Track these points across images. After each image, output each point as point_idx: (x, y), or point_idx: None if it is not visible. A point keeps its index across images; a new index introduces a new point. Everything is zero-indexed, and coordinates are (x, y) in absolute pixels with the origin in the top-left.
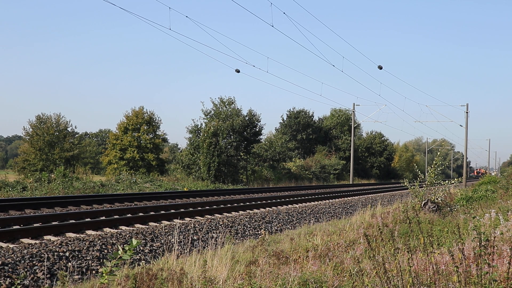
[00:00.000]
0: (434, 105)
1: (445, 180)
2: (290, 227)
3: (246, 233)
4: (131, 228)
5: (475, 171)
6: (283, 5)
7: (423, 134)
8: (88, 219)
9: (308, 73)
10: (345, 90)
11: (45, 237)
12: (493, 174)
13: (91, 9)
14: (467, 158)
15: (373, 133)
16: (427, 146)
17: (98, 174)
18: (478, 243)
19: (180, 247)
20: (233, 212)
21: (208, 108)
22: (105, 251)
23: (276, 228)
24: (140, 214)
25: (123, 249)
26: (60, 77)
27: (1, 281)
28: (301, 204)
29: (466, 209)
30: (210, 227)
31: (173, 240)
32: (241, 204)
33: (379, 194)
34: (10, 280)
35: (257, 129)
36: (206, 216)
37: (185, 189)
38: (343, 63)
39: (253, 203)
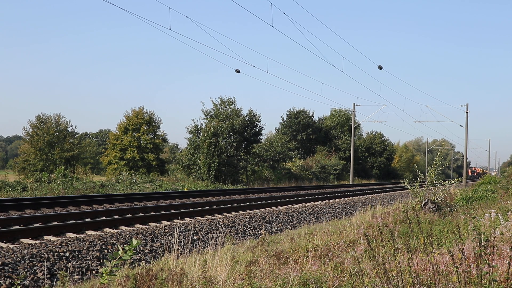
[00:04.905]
0: (434, 105)
1: (445, 180)
2: (290, 227)
3: (246, 233)
4: (131, 228)
5: (470, 171)
6: (283, 5)
7: (423, 134)
8: (88, 219)
9: (308, 73)
10: (345, 90)
11: (45, 237)
12: (493, 174)
13: (91, 9)
14: (467, 158)
15: (373, 133)
16: (427, 146)
17: (98, 174)
18: (478, 243)
19: (180, 247)
20: (233, 212)
21: (208, 108)
22: (105, 251)
23: (276, 228)
24: (140, 214)
25: (123, 249)
26: (60, 77)
27: (1, 281)
28: (301, 204)
29: (466, 209)
30: (210, 227)
31: (173, 240)
32: (241, 204)
33: (379, 194)
34: (10, 280)
35: (257, 129)
36: (206, 216)
37: (185, 189)
38: (343, 63)
39: (253, 203)
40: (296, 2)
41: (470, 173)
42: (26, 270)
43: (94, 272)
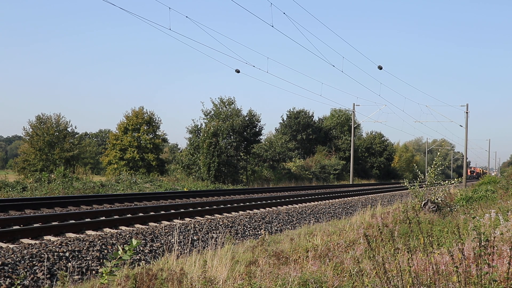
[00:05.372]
0: (434, 105)
1: (445, 180)
2: (290, 227)
3: (246, 233)
4: (131, 228)
5: (469, 171)
6: (283, 5)
7: (423, 134)
8: (88, 219)
9: (308, 73)
10: (345, 90)
11: (45, 237)
12: (493, 174)
13: (91, 9)
14: (467, 158)
15: (373, 133)
16: (427, 146)
17: (98, 174)
18: (478, 243)
19: (180, 247)
20: (233, 212)
21: (208, 108)
22: (105, 251)
23: (276, 228)
24: (140, 214)
25: (123, 249)
26: (60, 77)
27: (1, 281)
28: (301, 204)
29: (466, 209)
30: (210, 227)
31: (173, 240)
32: (241, 204)
33: (379, 194)
34: (10, 280)
35: (257, 129)
36: (206, 216)
37: (185, 189)
38: (343, 63)
39: (253, 203)
40: (296, 2)
41: (469, 173)
42: (26, 270)
43: (94, 272)
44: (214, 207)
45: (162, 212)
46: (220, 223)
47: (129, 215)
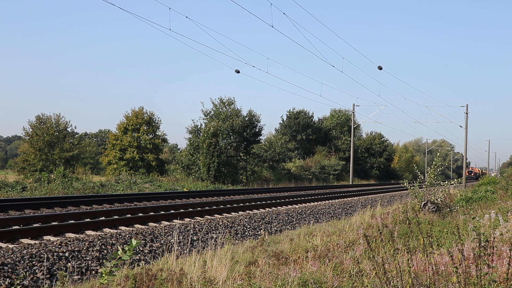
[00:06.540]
0: (434, 106)
1: (445, 181)
2: (289, 228)
3: (246, 233)
4: (131, 229)
5: (467, 171)
6: (283, 5)
7: (423, 135)
8: (88, 220)
9: (308, 73)
10: (345, 90)
11: (44, 237)
12: (492, 174)
13: (91, 9)
14: (466, 159)
15: (373, 133)
16: (427, 146)
17: (98, 174)
18: (478, 244)
19: (179, 248)
20: (232, 213)
21: (208, 109)
22: (105, 251)
23: (275, 228)
24: (140, 214)
25: (122, 249)
26: (60, 77)
27: (1, 281)
28: (300, 205)
29: (465, 210)
30: (209, 228)
31: (173, 240)
32: (241, 204)
33: (378, 194)
34: (9, 280)
35: (257, 130)
36: (205, 216)
37: (184, 190)
38: (343, 64)
39: (253, 203)
40: (296, 2)
41: (467, 174)
42: (25, 270)
43: (93, 272)
44: (214, 207)
45: (162, 212)
46: (219, 223)
47: (129, 215)
